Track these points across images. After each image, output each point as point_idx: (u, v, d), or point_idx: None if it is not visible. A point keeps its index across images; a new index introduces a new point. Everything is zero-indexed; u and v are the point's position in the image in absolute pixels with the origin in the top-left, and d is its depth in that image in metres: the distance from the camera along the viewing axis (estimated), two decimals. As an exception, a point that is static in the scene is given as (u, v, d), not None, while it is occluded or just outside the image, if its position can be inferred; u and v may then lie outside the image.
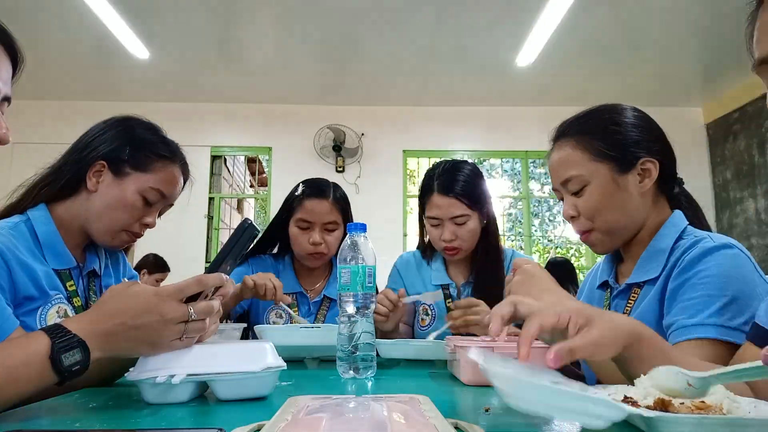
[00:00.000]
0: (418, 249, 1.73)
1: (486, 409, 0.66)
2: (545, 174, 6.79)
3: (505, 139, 5.50)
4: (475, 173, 1.54)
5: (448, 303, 1.57)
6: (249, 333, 1.48)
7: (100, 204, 1.09)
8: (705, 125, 5.48)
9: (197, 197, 4.96)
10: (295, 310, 1.62)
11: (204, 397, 0.73)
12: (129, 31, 4.05)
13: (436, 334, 1.35)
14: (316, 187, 1.62)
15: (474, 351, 0.61)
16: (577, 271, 4.48)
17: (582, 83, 4.91)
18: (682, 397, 0.52)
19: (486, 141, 5.52)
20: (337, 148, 5.19)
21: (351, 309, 0.94)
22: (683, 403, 0.51)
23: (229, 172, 6.80)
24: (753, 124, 4.84)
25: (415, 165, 5.92)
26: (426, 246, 1.68)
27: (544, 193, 6.82)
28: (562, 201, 1.10)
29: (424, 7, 3.81)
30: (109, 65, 4.64)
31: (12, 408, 0.65)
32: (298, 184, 1.67)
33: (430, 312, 1.60)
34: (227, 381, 0.70)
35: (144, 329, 0.69)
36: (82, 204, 1.10)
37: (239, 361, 0.71)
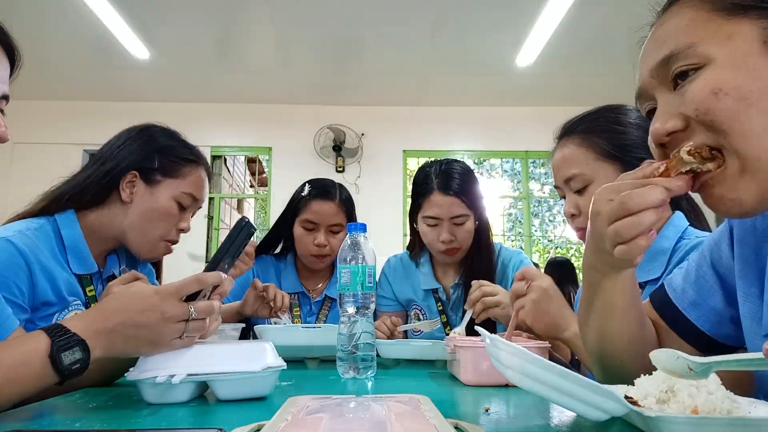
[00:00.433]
0: (408, 249, 1.70)
1: (486, 409, 0.66)
2: (545, 174, 6.79)
3: (505, 139, 5.50)
4: (470, 173, 1.52)
5: (438, 307, 1.57)
6: (249, 333, 1.47)
7: (136, 216, 1.11)
8: (705, 125, 5.48)
9: (197, 197, 4.95)
10: (297, 310, 1.62)
11: (204, 397, 0.73)
12: (129, 31, 4.06)
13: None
14: (322, 188, 1.61)
15: (482, 330, 0.61)
16: (578, 271, 4.48)
17: (582, 83, 4.90)
18: (684, 379, 0.52)
19: (486, 141, 5.52)
20: (337, 148, 5.19)
21: (351, 309, 0.94)
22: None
23: (229, 172, 6.80)
24: (753, 124, 4.84)
25: (415, 165, 5.90)
26: (415, 246, 1.64)
27: (544, 193, 6.82)
28: (563, 199, 1.10)
29: (424, 8, 3.81)
30: (109, 65, 4.63)
31: (12, 408, 0.65)
32: (304, 184, 1.65)
33: (422, 318, 1.60)
34: (227, 381, 0.69)
35: (144, 328, 0.69)
36: (117, 216, 1.11)
37: (239, 361, 0.71)
